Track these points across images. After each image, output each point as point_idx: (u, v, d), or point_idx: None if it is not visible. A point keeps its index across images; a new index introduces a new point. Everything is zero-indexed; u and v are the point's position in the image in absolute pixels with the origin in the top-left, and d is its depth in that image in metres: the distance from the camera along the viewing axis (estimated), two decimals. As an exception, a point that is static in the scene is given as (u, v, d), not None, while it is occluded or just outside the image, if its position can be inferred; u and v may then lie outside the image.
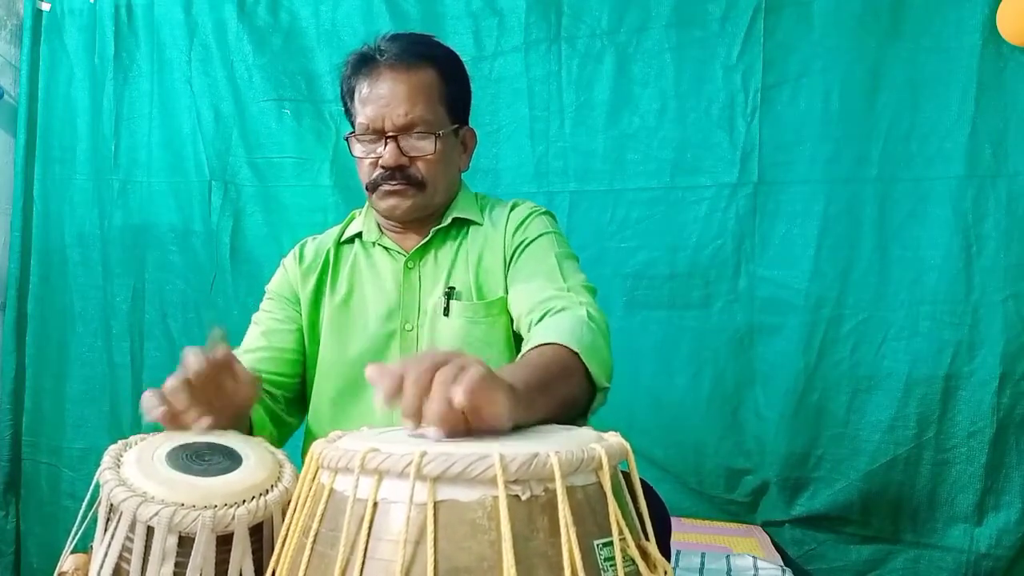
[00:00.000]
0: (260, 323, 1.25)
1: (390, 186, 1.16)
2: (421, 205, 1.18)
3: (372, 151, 1.16)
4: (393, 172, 1.15)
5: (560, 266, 1.13)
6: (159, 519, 0.70)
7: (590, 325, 0.99)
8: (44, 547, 2.44)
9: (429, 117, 1.15)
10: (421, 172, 1.16)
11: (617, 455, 0.62)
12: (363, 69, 1.18)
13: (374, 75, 1.16)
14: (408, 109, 1.14)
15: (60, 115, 2.46)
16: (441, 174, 1.18)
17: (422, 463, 0.55)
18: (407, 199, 1.16)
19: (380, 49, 1.17)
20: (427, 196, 1.18)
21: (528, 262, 1.16)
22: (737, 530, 1.99)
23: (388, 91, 1.14)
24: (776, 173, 2.01)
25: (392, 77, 1.15)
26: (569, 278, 1.11)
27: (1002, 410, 1.86)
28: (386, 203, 1.17)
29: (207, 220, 2.35)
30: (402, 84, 1.15)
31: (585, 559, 0.55)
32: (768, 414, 2.01)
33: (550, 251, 1.16)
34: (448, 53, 1.23)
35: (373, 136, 1.16)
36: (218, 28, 2.35)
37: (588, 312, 1.02)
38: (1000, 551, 1.87)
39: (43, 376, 2.45)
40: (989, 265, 1.87)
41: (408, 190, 1.16)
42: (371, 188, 1.18)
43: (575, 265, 1.17)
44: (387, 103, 1.14)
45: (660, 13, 2.07)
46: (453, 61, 1.23)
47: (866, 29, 1.94)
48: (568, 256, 1.18)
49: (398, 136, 1.14)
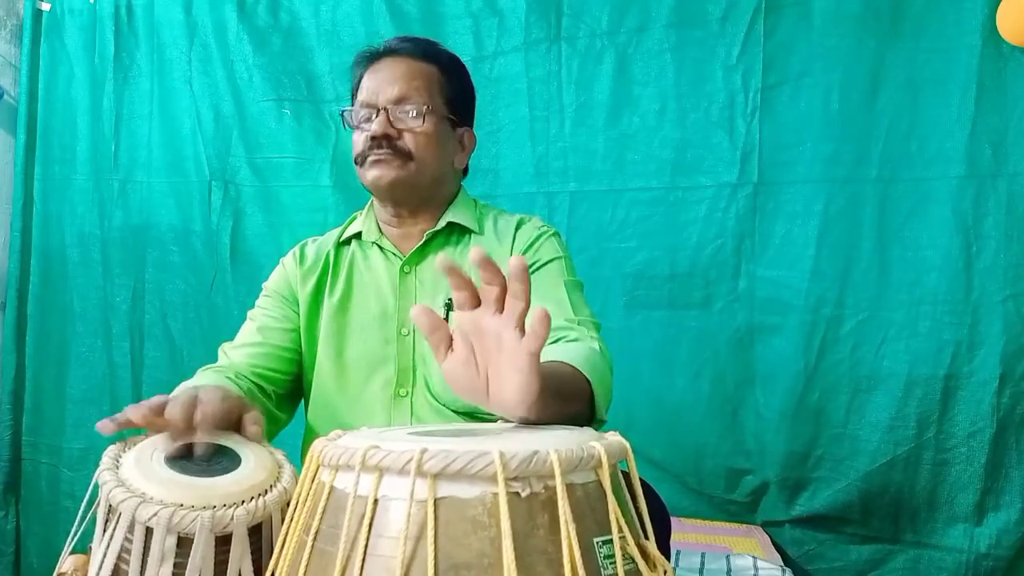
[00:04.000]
0: (255, 319, 1.25)
1: (376, 155, 1.17)
2: (406, 179, 1.18)
3: (366, 127, 1.19)
4: (380, 142, 1.17)
5: (570, 297, 1.15)
6: (158, 520, 0.70)
7: (601, 359, 1.01)
8: (44, 547, 2.44)
9: (423, 96, 1.18)
10: (409, 144, 1.18)
11: (617, 454, 0.63)
12: (368, 61, 1.22)
13: (377, 63, 1.21)
14: (403, 85, 1.18)
15: (60, 115, 2.46)
16: (430, 152, 1.19)
17: (422, 460, 0.55)
18: (392, 170, 1.17)
19: (387, 46, 1.23)
20: (413, 171, 1.18)
21: (538, 286, 1.16)
22: (737, 530, 1.99)
23: (387, 72, 1.20)
24: (776, 173, 2.01)
25: (393, 61, 1.21)
26: (579, 311, 1.13)
27: (1002, 410, 1.86)
28: (371, 173, 1.18)
29: (207, 220, 2.35)
30: (400, 67, 1.20)
31: (585, 556, 0.55)
32: (768, 414, 2.00)
33: (560, 279, 1.17)
34: (452, 57, 1.27)
35: (367, 112, 1.19)
36: (218, 28, 2.35)
37: (600, 347, 1.04)
38: (1000, 551, 1.86)
39: (43, 376, 2.45)
40: (989, 265, 1.87)
41: (394, 160, 1.17)
42: (360, 161, 1.20)
43: (582, 297, 1.19)
44: (383, 79, 1.19)
45: (660, 13, 2.07)
46: (456, 64, 1.27)
47: (866, 29, 1.94)
48: (576, 286, 1.20)
49: (389, 108, 1.17)
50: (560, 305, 1.12)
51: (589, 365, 0.94)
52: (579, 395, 0.90)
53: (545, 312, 0.67)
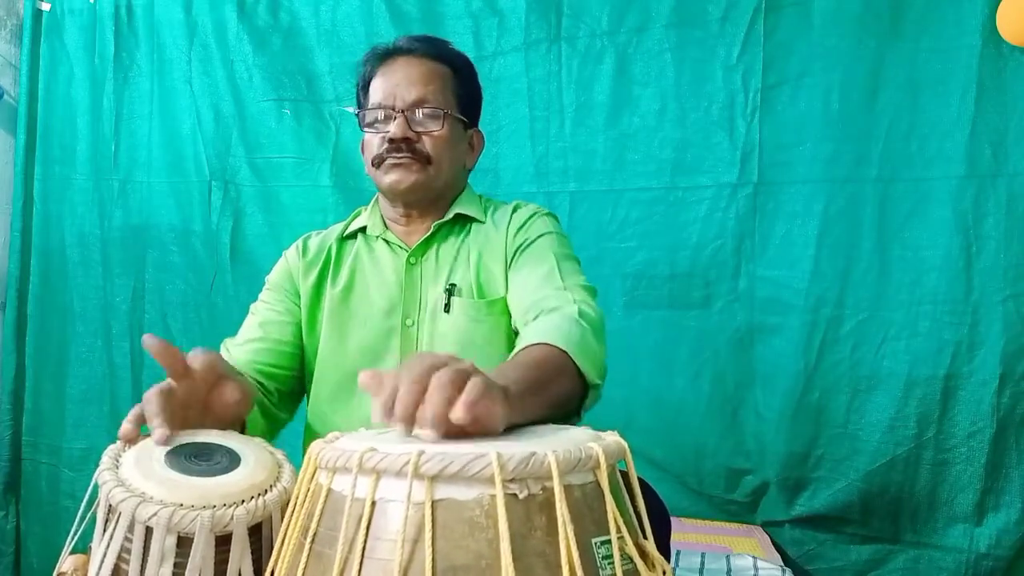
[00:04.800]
0: (257, 313, 1.25)
1: (395, 159, 1.17)
2: (424, 183, 1.18)
3: (382, 129, 1.18)
4: (399, 145, 1.16)
5: (559, 266, 1.13)
6: (158, 519, 0.70)
7: (580, 323, 0.99)
8: (44, 547, 2.45)
9: (440, 98, 1.18)
10: (427, 148, 1.17)
11: (615, 454, 0.62)
12: (381, 61, 1.22)
13: (390, 63, 1.21)
14: (420, 88, 1.17)
15: (60, 115, 2.46)
16: (446, 155, 1.19)
17: (420, 462, 0.55)
18: (411, 173, 1.17)
19: (399, 45, 1.22)
20: (431, 174, 1.18)
21: (527, 262, 1.16)
22: (737, 530, 1.99)
23: (402, 73, 1.19)
24: (776, 173, 2.01)
25: (407, 62, 1.20)
26: (567, 278, 1.12)
27: (1002, 410, 1.86)
28: (390, 177, 1.18)
29: (207, 220, 2.35)
30: (416, 68, 1.19)
31: (583, 557, 0.55)
32: (768, 414, 2.00)
33: (548, 251, 1.16)
34: (463, 58, 1.27)
35: (384, 113, 1.18)
36: (218, 28, 2.35)
37: (580, 309, 1.02)
38: (1000, 551, 1.86)
39: (43, 376, 2.46)
40: (989, 265, 1.87)
41: (413, 164, 1.17)
42: (377, 163, 1.19)
43: (575, 266, 1.18)
44: (399, 82, 1.18)
45: (660, 13, 2.07)
46: (467, 65, 1.27)
47: (866, 29, 1.94)
48: (568, 257, 1.18)
49: (407, 112, 1.17)
50: (548, 275, 1.11)
51: (563, 334, 0.94)
52: (558, 373, 0.89)
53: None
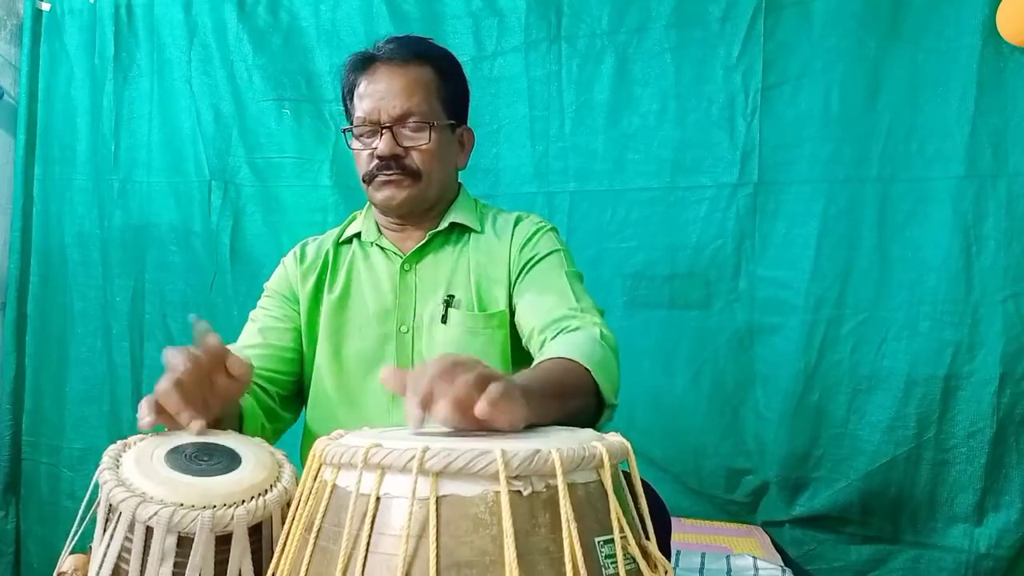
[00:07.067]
0: (257, 320, 1.25)
1: (385, 176, 1.17)
2: (416, 196, 1.18)
3: (369, 144, 1.18)
4: (389, 162, 1.16)
5: (571, 287, 1.15)
6: (158, 519, 0.70)
7: (602, 344, 1.01)
8: (44, 547, 2.44)
9: (424, 109, 1.17)
10: (416, 162, 1.17)
11: (618, 454, 0.63)
12: (362, 67, 1.20)
13: (371, 71, 1.19)
14: (403, 101, 1.16)
15: (60, 115, 2.46)
16: (436, 166, 1.19)
17: (424, 458, 0.55)
18: (403, 190, 1.17)
19: (378, 48, 1.20)
20: (422, 188, 1.18)
21: (538, 279, 1.17)
22: (737, 530, 1.98)
23: (385, 85, 1.17)
24: (776, 173, 2.01)
25: (389, 72, 1.18)
26: (581, 300, 1.13)
27: (1002, 410, 1.85)
28: (382, 194, 1.18)
29: (207, 220, 2.35)
30: (398, 78, 1.17)
31: (586, 555, 0.55)
32: (768, 414, 2.00)
33: (560, 270, 1.18)
34: (445, 53, 1.25)
35: (370, 128, 1.17)
36: (218, 28, 2.35)
37: (601, 332, 1.05)
38: (1000, 551, 1.86)
39: (43, 376, 2.45)
40: (989, 265, 1.87)
41: (404, 180, 1.17)
42: (367, 180, 1.19)
43: (583, 286, 1.19)
44: (383, 96, 1.16)
45: (660, 13, 2.07)
46: (449, 61, 1.25)
47: (866, 29, 1.94)
48: (577, 276, 1.20)
49: (393, 127, 1.16)
50: (562, 295, 1.13)
51: (588, 354, 0.95)
52: (579, 388, 0.91)
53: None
